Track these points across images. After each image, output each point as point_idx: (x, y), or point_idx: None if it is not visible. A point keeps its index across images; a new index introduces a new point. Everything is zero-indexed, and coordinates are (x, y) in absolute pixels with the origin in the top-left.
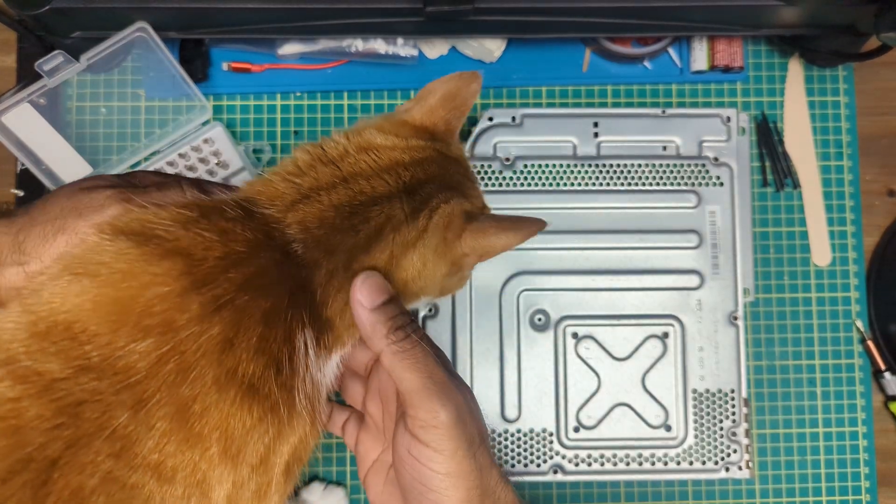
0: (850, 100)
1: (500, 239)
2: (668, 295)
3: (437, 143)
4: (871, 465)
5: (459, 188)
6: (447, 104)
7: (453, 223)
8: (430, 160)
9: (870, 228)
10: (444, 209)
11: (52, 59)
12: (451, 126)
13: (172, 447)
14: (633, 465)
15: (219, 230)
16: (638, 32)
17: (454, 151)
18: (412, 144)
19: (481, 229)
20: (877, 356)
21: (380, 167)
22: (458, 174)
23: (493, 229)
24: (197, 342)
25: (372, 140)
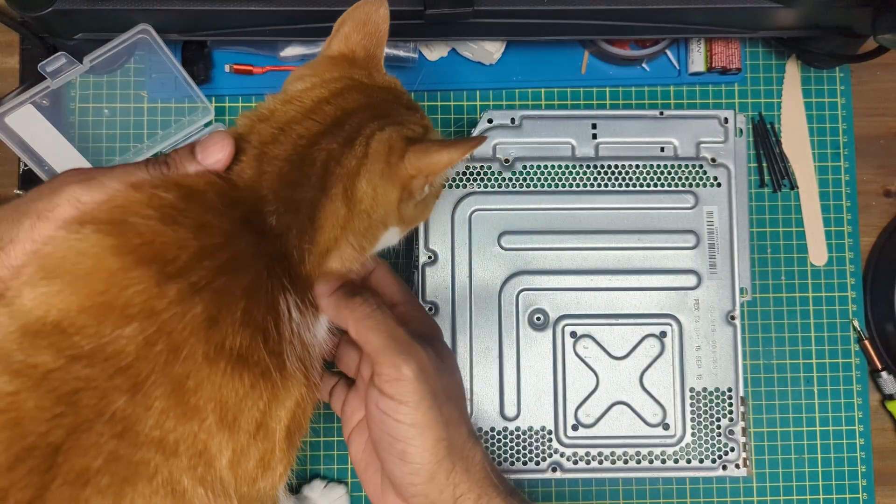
0: (846, 101)
1: (441, 156)
2: (665, 294)
3: (357, 71)
4: (867, 463)
5: (393, 115)
6: (360, 29)
7: (394, 147)
8: (350, 89)
9: (866, 228)
10: (381, 136)
11: (55, 60)
12: (371, 53)
13: (172, 422)
14: (631, 462)
15: (195, 226)
16: (636, 35)
17: (379, 80)
18: (328, 78)
19: (423, 149)
20: (873, 355)
21: (306, 109)
22: (388, 101)
23: (434, 147)
24: (182, 322)
25: (293, 87)
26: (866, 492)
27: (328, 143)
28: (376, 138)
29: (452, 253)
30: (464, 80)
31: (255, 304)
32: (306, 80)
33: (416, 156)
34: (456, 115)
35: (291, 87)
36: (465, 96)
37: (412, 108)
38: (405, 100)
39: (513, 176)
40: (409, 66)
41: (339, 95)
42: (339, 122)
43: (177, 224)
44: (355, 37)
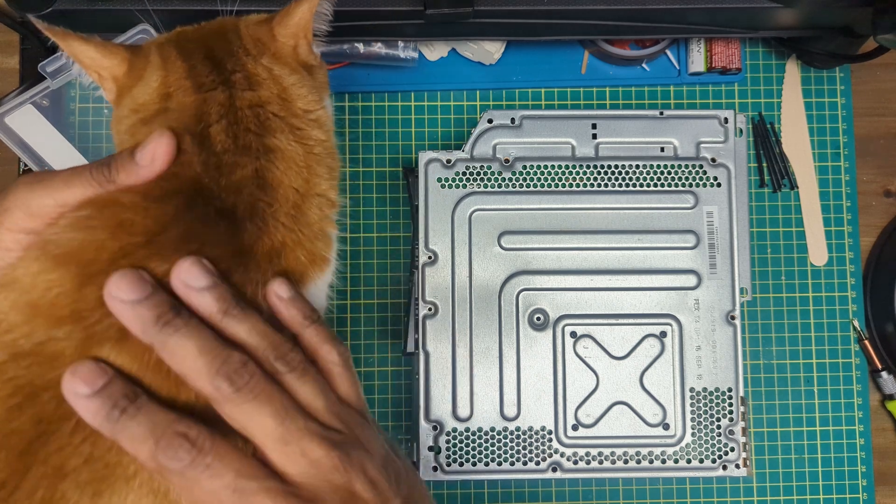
0: (847, 101)
1: (297, 8)
2: (665, 295)
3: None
4: (868, 463)
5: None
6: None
7: (261, 35)
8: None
9: (867, 228)
10: (248, 33)
11: (55, 60)
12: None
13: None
14: (631, 462)
15: (111, 226)
16: (636, 35)
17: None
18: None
19: (281, 16)
20: (873, 356)
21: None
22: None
23: (288, 8)
24: (113, 329)
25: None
26: (866, 492)
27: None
28: (249, 42)
29: (452, 253)
30: (464, 80)
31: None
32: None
33: (279, 27)
34: (456, 115)
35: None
36: (464, 96)
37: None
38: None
39: (513, 176)
40: (408, 66)
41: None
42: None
43: (91, 228)
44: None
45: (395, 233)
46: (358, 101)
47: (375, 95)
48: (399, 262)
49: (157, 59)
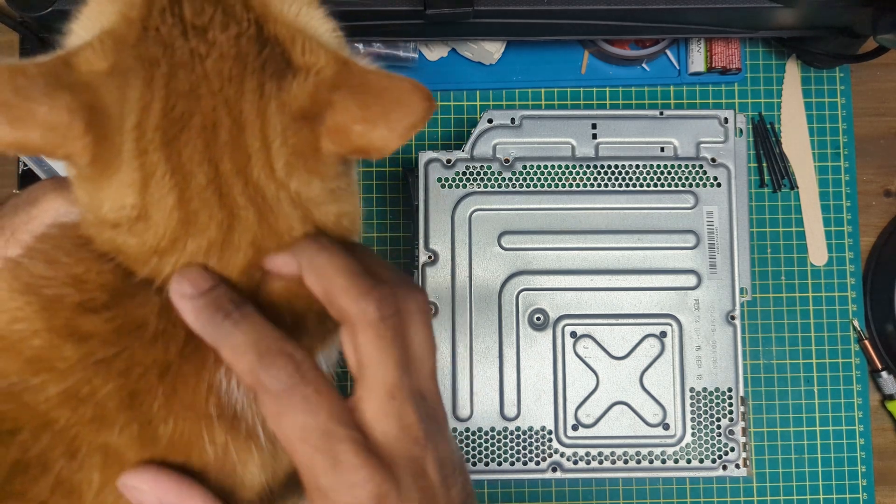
0: (847, 101)
1: (368, 139)
2: (665, 294)
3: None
4: (867, 463)
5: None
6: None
7: (302, 144)
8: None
9: (866, 228)
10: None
11: None
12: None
13: (112, 499)
14: (631, 462)
15: (70, 275)
16: (636, 35)
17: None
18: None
19: (340, 129)
20: (873, 355)
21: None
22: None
23: (358, 126)
24: (97, 393)
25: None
26: (866, 492)
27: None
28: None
29: (452, 253)
30: (464, 81)
31: (181, 384)
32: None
33: (329, 138)
34: (456, 116)
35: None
36: (465, 96)
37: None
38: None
39: (513, 176)
40: (408, 66)
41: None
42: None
43: (57, 265)
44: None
45: (395, 233)
46: None
47: None
48: (399, 262)
49: (133, 160)
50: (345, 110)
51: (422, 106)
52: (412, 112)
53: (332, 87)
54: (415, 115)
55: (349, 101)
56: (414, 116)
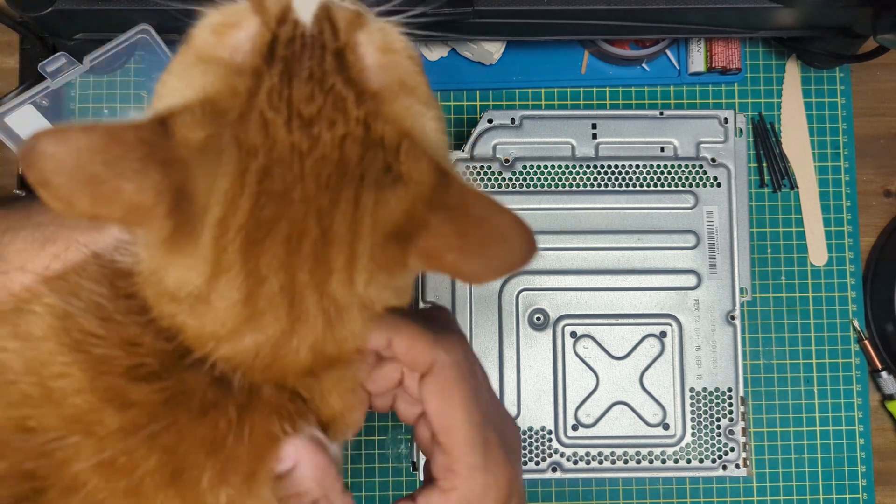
0: (847, 101)
1: (457, 269)
2: (665, 294)
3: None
4: (867, 463)
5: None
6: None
7: (377, 264)
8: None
9: (866, 228)
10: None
11: (55, 60)
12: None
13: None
14: (631, 462)
15: (122, 338)
16: (636, 35)
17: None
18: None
19: (432, 254)
20: (873, 356)
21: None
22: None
23: (451, 254)
24: (137, 466)
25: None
26: (866, 492)
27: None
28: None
29: None
30: (464, 81)
31: (232, 456)
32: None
33: (419, 259)
34: (456, 116)
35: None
36: (464, 96)
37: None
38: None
39: (513, 176)
40: None
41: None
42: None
43: (110, 324)
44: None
45: None
46: None
47: None
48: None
49: (208, 252)
50: (440, 236)
51: (524, 247)
52: (512, 252)
53: (429, 205)
54: (514, 256)
55: (446, 226)
56: (513, 257)
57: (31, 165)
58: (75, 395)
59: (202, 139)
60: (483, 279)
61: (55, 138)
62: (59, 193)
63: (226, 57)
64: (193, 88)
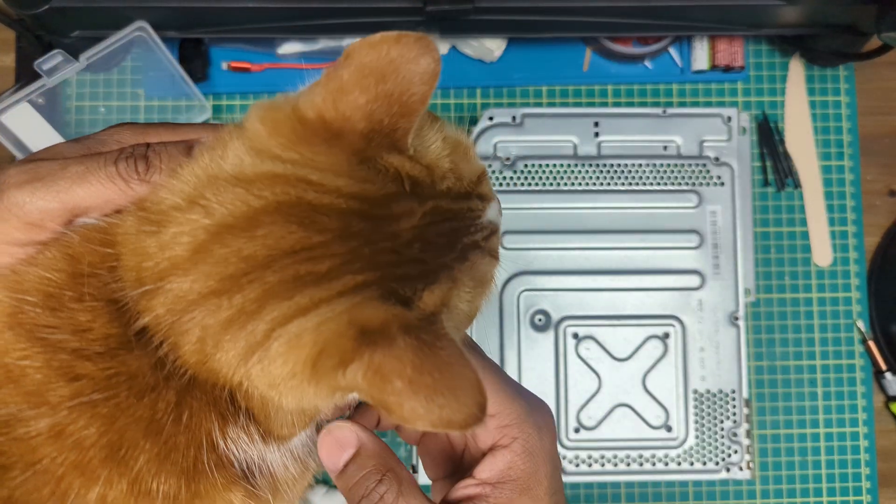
0: (851, 99)
1: (399, 401)
2: (668, 295)
3: (336, 158)
4: (871, 465)
5: (381, 268)
6: (372, 84)
7: (332, 345)
8: (288, 210)
9: (871, 228)
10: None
11: (52, 58)
12: (382, 125)
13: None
14: (633, 465)
15: (73, 324)
16: (639, 32)
17: (386, 182)
18: (266, 173)
19: (381, 370)
20: (878, 356)
21: (218, 227)
22: (366, 237)
23: (399, 382)
24: (79, 434)
25: (226, 167)
26: (870, 494)
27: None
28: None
29: None
30: (464, 78)
31: (170, 442)
32: (242, 152)
33: (365, 377)
34: (457, 114)
35: (231, 152)
36: (465, 94)
37: (424, 238)
38: (417, 220)
39: (514, 175)
40: None
41: (267, 219)
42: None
43: (61, 313)
44: (356, 96)
45: None
46: None
47: None
48: None
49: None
50: (399, 359)
51: (474, 410)
52: (460, 410)
53: (404, 328)
54: (460, 415)
55: (410, 353)
56: (459, 415)
57: None
58: (35, 372)
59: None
60: (414, 423)
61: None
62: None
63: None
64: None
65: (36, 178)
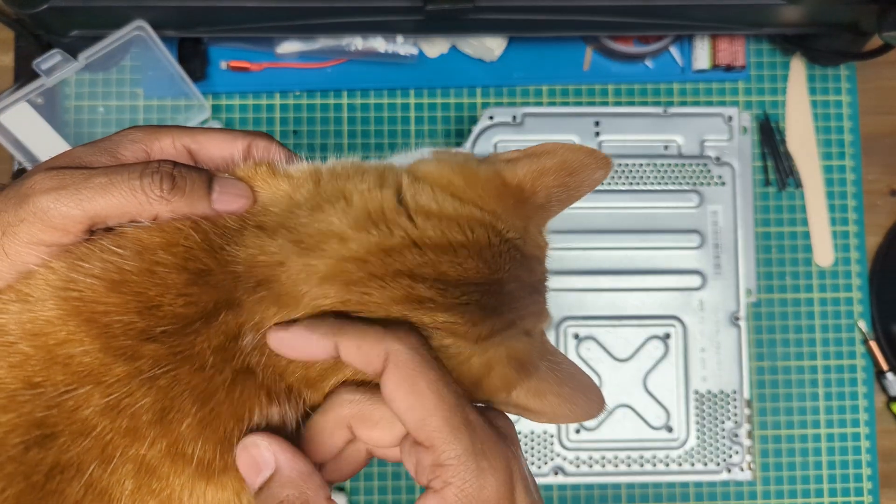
0: (852, 99)
1: (553, 410)
2: (669, 295)
3: (513, 217)
4: (873, 466)
5: (520, 307)
6: (561, 174)
7: (497, 372)
8: (487, 247)
9: (872, 228)
10: (491, 352)
11: (50, 57)
12: (549, 205)
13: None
14: (634, 466)
15: (143, 304)
16: (640, 31)
17: (530, 245)
18: (470, 215)
19: (539, 391)
20: (879, 357)
21: (408, 243)
22: (521, 283)
23: (552, 397)
24: (135, 405)
25: (411, 201)
26: (871, 494)
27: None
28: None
29: None
30: (464, 78)
31: (215, 411)
32: (441, 186)
33: (528, 395)
34: (456, 113)
35: (426, 170)
36: (465, 94)
37: (542, 289)
38: (543, 281)
39: None
40: (408, 63)
41: (467, 250)
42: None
43: (122, 293)
44: (550, 179)
45: None
46: (357, 99)
47: (374, 93)
48: None
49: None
50: (547, 380)
51: (599, 403)
52: (591, 405)
53: (540, 355)
54: (592, 410)
55: (551, 374)
56: (592, 410)
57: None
58: (83, 356)
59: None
60: (566, 421)
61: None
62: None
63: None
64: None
65: (61, 185)
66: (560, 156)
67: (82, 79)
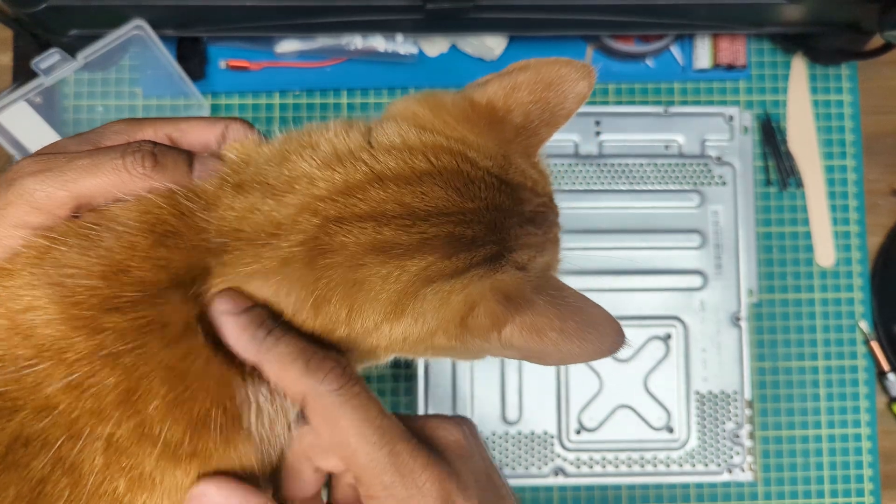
0: (853, 98)
1: (557, 348)
2: (670, 295)
3: (490, 141)
4: (874, 466)
5: (507, 238)
6: (536, 90)
7: (482, 309)
8: (453, 176)
9: (874, 228)
10: (472, 288)
11: (49, 57)
12: (531, 126)
13: (114, 481)
14: (635, 467)
15: (111, 267)
16: (640, 30)
17: (514, 174)
18: (434, 143)
19: (536, 327)
20: (881, 357)
21: (369, 178)
22: (502, 210)
23: (553, 333)
24: (99, 385)
25: (382, 139)
26: (873, 495)
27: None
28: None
29: None
30: (465, 77)
31: (188, 391)
32: (407, 119)
33: (522, 333)
34: None
35: (395, 109)
36: None
37: (532, 220)
38: (529, 207)
39: None
40: (408, 63)
41: (433, 178)
42: (403, 223)
43: (88, 256)
44: (524, 95)
45: None
46: (356, 98)
47: (374, 92)
48: None
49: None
50: (545, 315)
51: (615, 337)
52: (604, 340)
53: (536, 289)
54: (606, 344)
55: (551, 309)
56: (605, 345)
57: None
58: (45, 327)
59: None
60: (574, 360)
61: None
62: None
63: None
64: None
65: (46, 168)
66: (533, 68)
67: (81, 78)
